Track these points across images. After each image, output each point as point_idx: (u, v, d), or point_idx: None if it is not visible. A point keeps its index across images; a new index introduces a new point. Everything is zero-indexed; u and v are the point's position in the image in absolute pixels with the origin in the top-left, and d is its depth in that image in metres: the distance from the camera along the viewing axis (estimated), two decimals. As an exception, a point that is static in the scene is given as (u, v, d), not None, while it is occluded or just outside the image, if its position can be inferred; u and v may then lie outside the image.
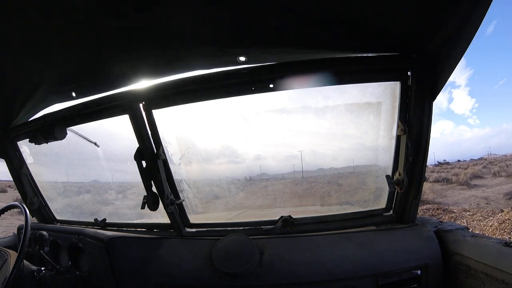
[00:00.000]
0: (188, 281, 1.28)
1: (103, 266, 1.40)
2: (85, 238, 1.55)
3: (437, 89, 1.11)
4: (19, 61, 1.15)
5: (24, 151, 1.94)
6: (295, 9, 0.90)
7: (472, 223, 7.61)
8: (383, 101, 1.32)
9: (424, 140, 1.20)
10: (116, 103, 1.39)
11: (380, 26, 0.98)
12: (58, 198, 2.20)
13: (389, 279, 1.20)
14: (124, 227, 1.78)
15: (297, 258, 1.25)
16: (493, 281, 1.00)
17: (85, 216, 2.11)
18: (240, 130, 1.62)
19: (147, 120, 1.38)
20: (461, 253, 1.15)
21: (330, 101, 1.42)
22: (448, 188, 16.33)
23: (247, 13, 0.92)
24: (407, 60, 1.14)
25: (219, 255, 1.28)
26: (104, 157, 2.00)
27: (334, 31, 1.01)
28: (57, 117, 1.58)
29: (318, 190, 2.11)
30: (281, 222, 1.43)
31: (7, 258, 1.29)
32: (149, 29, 0.98)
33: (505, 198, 11.96)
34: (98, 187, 2.44)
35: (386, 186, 1.34)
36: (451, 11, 0.84)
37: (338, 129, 1.51)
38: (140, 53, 1.11)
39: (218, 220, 1.62)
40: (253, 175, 2.18)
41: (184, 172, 1.68)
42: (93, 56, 1.14)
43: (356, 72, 1.21)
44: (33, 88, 1.39)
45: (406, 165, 1.23)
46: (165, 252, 1.40)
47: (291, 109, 1.52)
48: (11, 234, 2.07)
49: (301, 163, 2.00)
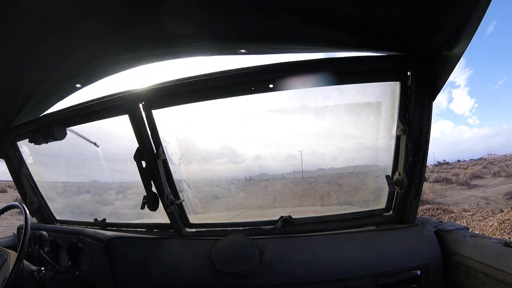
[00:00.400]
0: (188, 281, 1.28)
1: (103, 266, 1.40)
2: (85, 238, 1.54)
3: (437, 89, 1.11)
4: (19, 60, 1.15)
5: (24, 151, 1.94)
6: (294, 9, 0.90)
7: (472, 223, 7.61)
8: (383, 101, 1.32)
9: (424, 140, 1.20)
10: (116, 103, 1.39)
11: (380, 26, 0.98)
12: (58, 198, 2.20)
13: (389, 279, 1.20)
14: (124, 227, 1.77)
15: (297, 258, 1.25)
16: (493, 281, 1.00)
17: (85, 216, 2.11)
18: (240, 130, 1.62)
19: (147, 120, 1.38)
20: (461, 253, 1.15)
21: (330, 101, 1.42)
22: (448, 188, 16.34)
23: (247, 12, 0.92)
24: (407, 60, 1.14)
25: (219, 255, 1.28)
26: (104, 157, 2.00)
27: (334, 31, 1.01)
28: (56, 117, 1.58)
29: (318, 190, 2.11)
30: (281, 222, 1.43)
31: (7, 258, 1.29)
32: (150, 21, 0.98)
33: (505, 198, 11.97)
34: (98, 187, 2.44)
35: (386, 186, 1.34)
36: (451, 11, 0.84)
37: (338, 129, 1.51)
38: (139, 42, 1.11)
39: (218, 220, 1.62)
40: (253, 175, 2.18)
41: (184, 172, 1.68)
42: (94, 51, 1.14)
43: (356, 72, 1.21)
44: (33, 88, 1.39)
45: (406, 165, 1.23)
46: (165, 252, 1.40)
47: (291, 109, 1.52)
48: (11, 234, 2.07)
49: (301, 163, 2.00)
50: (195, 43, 1.11)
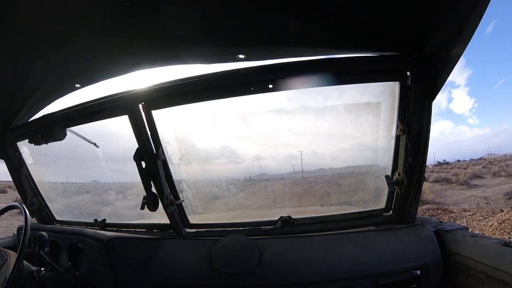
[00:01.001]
0: (188, 282, 1.28)
1: (103, 266, 1.40)
2: (84, 238, 1.54)
3: (437, 89, 1.11)
4: (19, 60, 1.15)
5: (24, 152, 1.94)
6: (294, 9, 0.90)
7: (472, 223, 7.61)
8: (382, 101, 1.32)
9: (424, 140, 1.20)
10: (115, 103, 1.39)
11: (379, 26, 0.98)
12: (57, 198, 2.20)
13: (389, 279, 1.20)
14: (124, 228, 1.77)
15: (297, 258, 1.25)
16: (493, 281, 1.00)
17: (85, 217, 2.11)
18: (240, 130, 1.62)
19: (147, 121, 1.38)
20: (461, 253, 1.15)
21: (329, 101, 1.42)
22: (448, 188, 16.34)
23: (246, 12, 0.92)
24: (406, 60, 1.14)
25: (219, 255, 1.28)
26: (103, 157, 2.00)
27: (334, 31, 1.02)
28: (56, 118, 1.58)
29: (317, 190, 2.12)
30: (281, 222, 1.43)
31: (7, 258, 1.29)
32: (150, 27, 0.98)
33: (505, 198, 11.96)
34: (98, 188, 2.44)
35: (385, 186, 1.34)
36: (450, 11, 0.84)
37: (337, 129, 1.51)
38: (140, 45, 1.11)
39: (218, 221, 1.61)
40: (253, 175, 2.18)
41: (184, 172, 1.68)
42: (94, 54, 1.15)
43: (356, 72, 1.21)
44: (34, 88, 1.39)
45: (405, 165, 1.23)
46: (164, 253, 1.40)
47: (290, 110, 1.52)
48: (11, 234, 2.07)
49: (301, 163, 2.00)
50: (195, 48, 1.12)
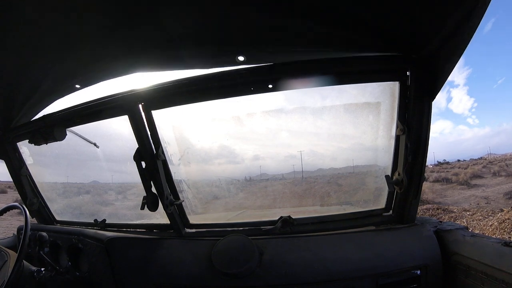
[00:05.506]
0: (188, 282, 1.28)
1: (103, 266, 1.40)
2: (85, 238, 1.55)
3: (436, 89, 1.11)
4: (19, 60, 1.15)
5: (24, 152, 1.94)
6: (293, 9, 0.90)
7: (472, 222, 7.61)
8: (382, 101, 1.32)
9: (423, 140, 1.20)
10: (115, 104, 1.39)
11: (379, 26, 0.98)
12: (58, 199, 2.20)
13: (389, 279, 1.20)
14: (124, 228, 1.78)
15: (297, 258, 1.25)
16: (493, 281, 1.00)
17: (85, 217, 2.11)
18: (240, 130, 1.62)
19: (147, 121, 1.38)
20: (461, 253, 1.15)
21: (329, 101, 1.42)
22: (448, 188, 16.34)
23: (246, 12, 0.92)
24: (406, 60, 1.14)
25: (219, 255, 1.28)
26: (103, 157, 2.00)
27: (333, 31, 1.01)
28: (56, 118, 1.58)
29: (317, 190, 2.11)
30: (281, 222, 1.43)
31: (7, 259, 1.29)
32: (149, 29, 0.98)
33: (505, 198, 11.97)
34: (98, 188, 2.44)
35: (385, 186, 1.34)
36: (449, 11, 0.84)
37: (337, 129, 1.51)
38: (141, 48, 1.11)
39: (218, 221, 1.61)
40: (253, 175, 2.18)
41: (184, 172, 1.68)
42: (94, 55, 1.15)
43: (355, 72, 1.21)
44: (34, 88, 1.39)
45: (405, 165, 1.23)
46: (164, 253, 1.40)
47: (290, 110, 1.52)
48: (11, 235, 2.07)
49: (300, 163, 2.00)
50: (194, 49, 1.12)
